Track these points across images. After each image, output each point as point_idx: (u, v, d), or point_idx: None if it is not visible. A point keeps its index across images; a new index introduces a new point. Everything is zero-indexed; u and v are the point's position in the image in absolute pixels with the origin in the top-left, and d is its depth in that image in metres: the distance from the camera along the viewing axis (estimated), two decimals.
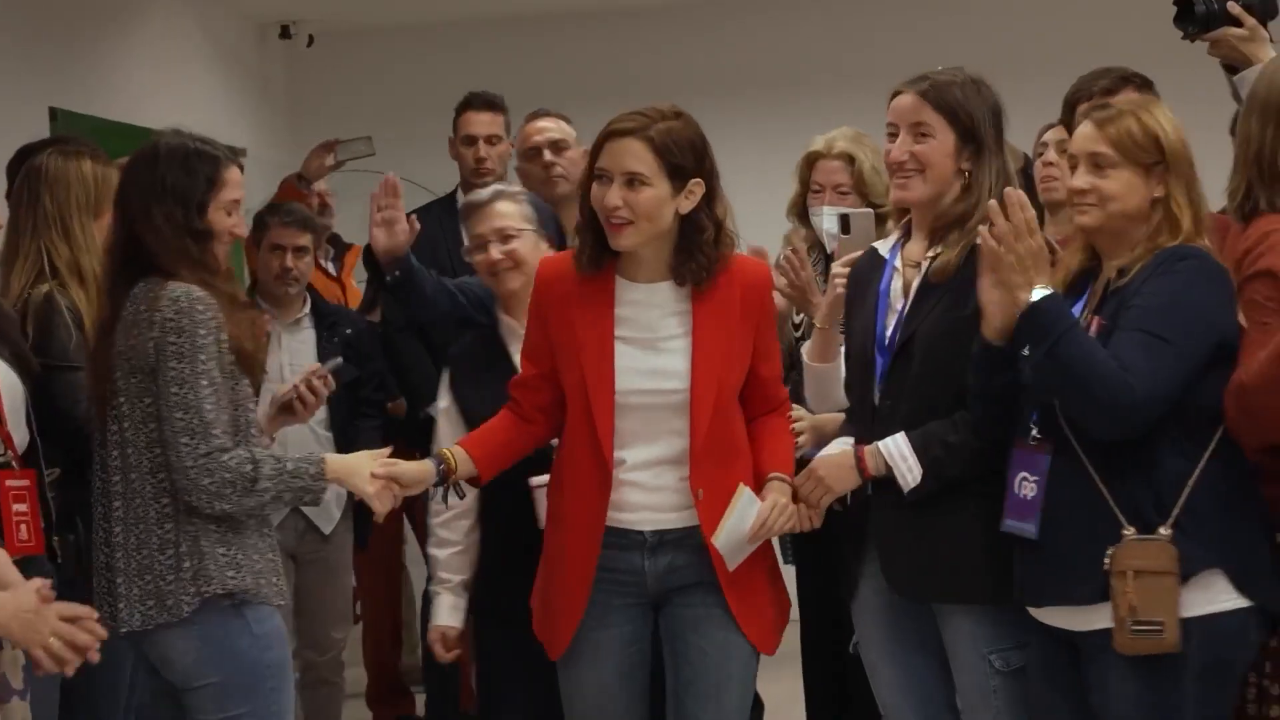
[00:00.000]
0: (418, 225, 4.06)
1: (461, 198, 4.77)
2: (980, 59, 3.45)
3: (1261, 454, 2.84)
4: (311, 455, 3.20)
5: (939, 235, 3.08)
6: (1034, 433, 2.84)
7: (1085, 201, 2.85)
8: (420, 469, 3.15)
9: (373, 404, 4.95)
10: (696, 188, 3.04)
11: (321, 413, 4.57)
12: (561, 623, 3.13)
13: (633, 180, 2.97)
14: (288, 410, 3.45)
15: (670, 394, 3.03)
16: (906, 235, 3.19)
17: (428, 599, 3.75)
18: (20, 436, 3.25)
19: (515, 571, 3.31)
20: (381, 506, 3.13)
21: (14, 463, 3.21)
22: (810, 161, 4.08)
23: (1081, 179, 2.86)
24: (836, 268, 3.49)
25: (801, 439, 3.40)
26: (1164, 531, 2.72)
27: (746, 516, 3.01)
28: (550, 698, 3.26)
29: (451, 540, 3.49)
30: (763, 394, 3.18)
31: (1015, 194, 2.82)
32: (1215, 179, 3.04)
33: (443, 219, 4.69)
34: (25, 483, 3.21)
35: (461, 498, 3.24)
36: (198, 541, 3.03)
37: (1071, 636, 2.83)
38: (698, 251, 3.04)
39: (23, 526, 3.17)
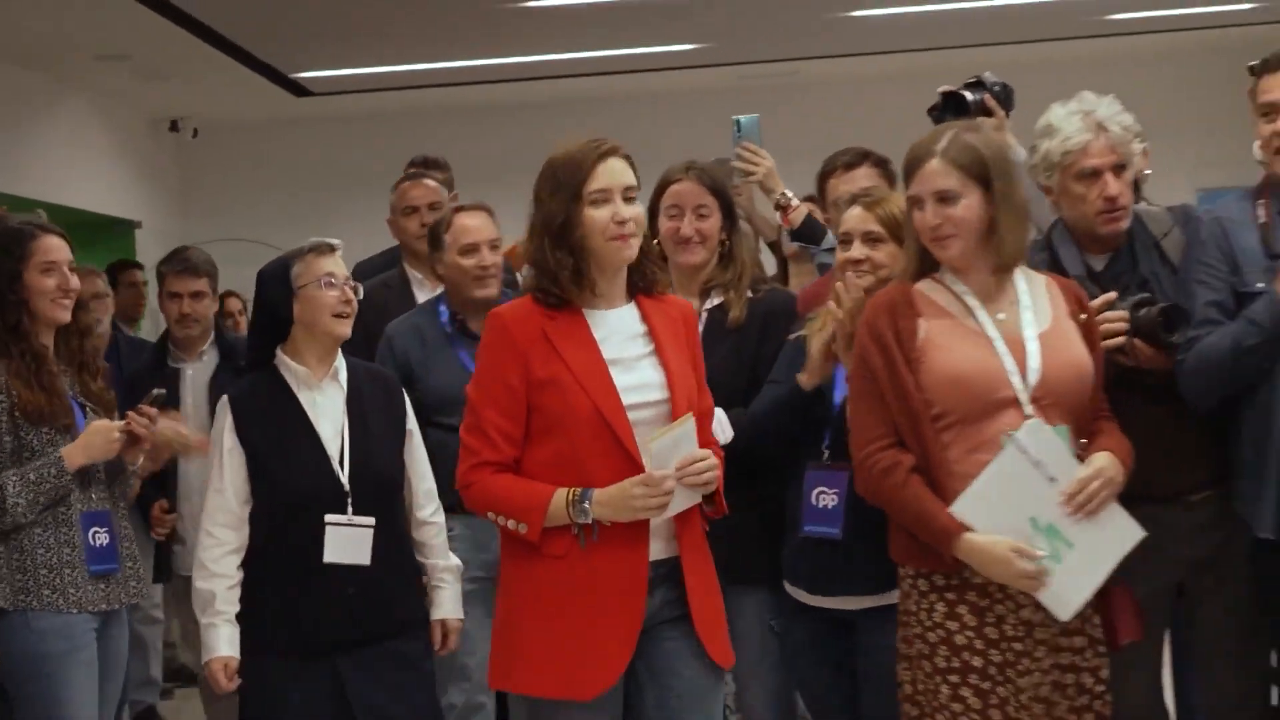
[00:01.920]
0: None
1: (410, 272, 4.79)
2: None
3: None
4: (50, 458, 3.39)
5: (707, 292, 3.57)
6: (826, 455, 3.24)
7: (861, 269, 3.20)
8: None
9: None
10: None
11: None
12: (604, 668, 2.88)
13: (630, 194, 2.95)
14: (131, 442, 3.54)
15: (657, 405, 2.92)
16: None
17: None
18: None
19: (298, 603, 3.35)
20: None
21: None
22: None
23: (858, 250, 3.22)
24: None
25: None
26: None
27: (682, 445, 2.88)
28: None
29: (227, 575, 3.38)
30: (702, 427, 3.03)
31: (851, 282, 3.18)
32: None
33: (389, 284, 4.67)
34: None
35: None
36: None
37: (847, 615, 3.21)
38: (648, 261, 3.02)
39: None
